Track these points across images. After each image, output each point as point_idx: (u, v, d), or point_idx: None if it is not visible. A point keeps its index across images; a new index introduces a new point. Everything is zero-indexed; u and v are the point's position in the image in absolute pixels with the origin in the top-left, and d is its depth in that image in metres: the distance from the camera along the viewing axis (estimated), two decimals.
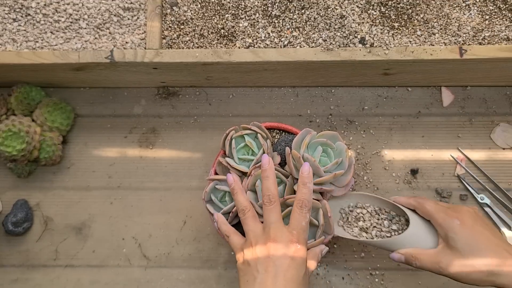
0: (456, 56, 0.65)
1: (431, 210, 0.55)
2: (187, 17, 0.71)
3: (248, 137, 0.61)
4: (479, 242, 0.51)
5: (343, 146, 0.59)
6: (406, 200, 0.58)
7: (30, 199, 0.74)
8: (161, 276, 0.71)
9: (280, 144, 0.62)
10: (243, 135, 0.61)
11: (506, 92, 0.76)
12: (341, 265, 0.70)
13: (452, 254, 0.52)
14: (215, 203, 0.61)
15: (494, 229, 0.53)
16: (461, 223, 0.52)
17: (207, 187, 0.61)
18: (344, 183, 0.58)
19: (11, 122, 0.69)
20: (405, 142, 0.75)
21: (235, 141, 0.61)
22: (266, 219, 0.53)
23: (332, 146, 0.59)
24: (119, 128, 0.77)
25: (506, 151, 0.74)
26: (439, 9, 0.70)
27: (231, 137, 0.61)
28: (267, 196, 0.53)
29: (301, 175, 0.55)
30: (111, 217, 0.73)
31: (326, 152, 0.59)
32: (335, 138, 0.59)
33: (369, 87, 0.77)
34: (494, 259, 0.50)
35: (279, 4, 0.70)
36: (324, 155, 0.59)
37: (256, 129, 0.61)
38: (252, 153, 0.61)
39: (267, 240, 0.51)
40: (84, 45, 0.70)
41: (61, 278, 0.72)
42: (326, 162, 0.59)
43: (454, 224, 0.52)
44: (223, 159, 0.61)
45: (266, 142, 0.60)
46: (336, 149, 0.59)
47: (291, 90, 0.78)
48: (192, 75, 0.73)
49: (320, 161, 0.58)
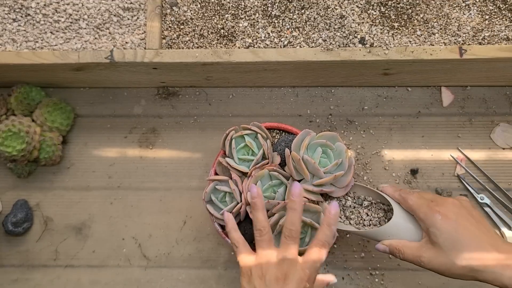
0: (456, 56, 0.65)
1: (414, 205, 0.54)
2: (187, 17, 0.71)
3: (248, 137, 0.61)
4: (461, 237, 0.50)
5: (343, 147, 0.58)
6: (392, 192, 0.58)
7: (30, 199, 0.74)
8: (161, 276, 0.71)
9: (280, 144, 0.62)
10: (243, 135, 0.61)
11: (506, 92, 0.76)
12: (341, 265, 0.70)
13: (433, 249, 0.51)
14: (215, 203, 0.61)
15: (480, 221, 0.52)
16: (443, 217, 0.51)
17: (207, 188, 0.61)
18: (344, 184, 0.58)
19: (11, 122, 0.69)
20: (405, 142, 0.75)
21: (235, 141, 0.61)
22: (283, 251, 0.51)
23: (331, 147, 0.59)
24: (119, 128, 0.77)
25: (506, 151, 0.74)
26: (439, 9, 0.70)
27: (231, 137, 0.61)
28: (289, 230, 0.51)
29: (327, 215, 0.52)
30: (111, 217, 0.74)
31: (326, 153, 0.59)
32: (335, 139, 0.59)
33: (369, 87, 0.77)
34: (475, 255, 0.49)
35: (279, 4, 0.70)
36: (324, 156, 0.59)
37: (256, 129, 0.61)
38: (252, 153, 0.61)
39: (279, 274, 0.49)
40: (84, 45, 0.70)
41: (61, 278, 0.72)
42: (326, 163, 0.58)
43: (436, 219, 0.51)
44: (223, 159, 0.61)
45: (266, 142, 0.60)
46: (336, 150, 0.59)
47: (291, 90, 0.78)
48: (192, 75, 0.73)
49: (320, 162, 0.58)
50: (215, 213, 0.60)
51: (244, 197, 0.58)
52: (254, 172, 0.58)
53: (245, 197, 0.58)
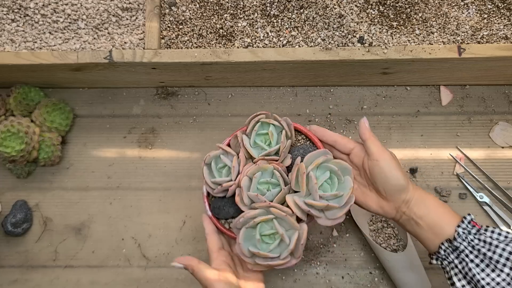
0: (455, 55, 0.65)
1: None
2: (185, 17, 0.71)
3: (273, 128, 0.60)
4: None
5: (350, 184, 0.57)
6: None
7: (29, 200, 0.74)
8: (161, 276, 0.71)
9: (298, 150, 0.60)
10: (270, 123, 0.60)
11: (504, 91, 0.76)
12: (340, 264, 0.70)
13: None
14: (212, 169, 0.60)
15: None
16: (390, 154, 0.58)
17: (212, 152, 0.60)
18: (334, 217, 0.56)
19: (10, 123, 0.69)
20: (404, 141, 0.75)
21: (260, 124, 0.60)
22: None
23: (340, 178, 0.57)
24: (118, 128, 0.77)
25: (505, 149, 0.74)
26: (438, 8, 0.70)
27: (259, 119, 0.61)
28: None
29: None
30: (110, 217, 0.73)
31: (332, 180, 0.57)
32: (348, 172, 0.57)
33: (368, 86, 0.77)
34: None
35: (277, 3, 0.70)
36: (329, 182, 0.57)
37: (284, 126, 0.59)
38: (269, 144, 0.60)
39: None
40: (83, 45, 0.70)
41: (61, 278, 0.72)
42: (327, 189, 0.57)
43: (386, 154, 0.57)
44: (240, 135, 0.60)
45: (286, 141, 0.59)
46: (343, 183, 0.57)
47: (290, 89, 0.78)
48: (191, 75, 0.73)
49: (322, 185, 0.57)
50: (207, 178, 0.60)
51: (239, 179, 0.58)
52: (261, 162, 0.58)
53: (239, 179, 0.58)
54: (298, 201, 0.55)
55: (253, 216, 0.55)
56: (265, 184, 0.58)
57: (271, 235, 0.55)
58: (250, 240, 0.56)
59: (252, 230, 0.56)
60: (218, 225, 0.60)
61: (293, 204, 0.55)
